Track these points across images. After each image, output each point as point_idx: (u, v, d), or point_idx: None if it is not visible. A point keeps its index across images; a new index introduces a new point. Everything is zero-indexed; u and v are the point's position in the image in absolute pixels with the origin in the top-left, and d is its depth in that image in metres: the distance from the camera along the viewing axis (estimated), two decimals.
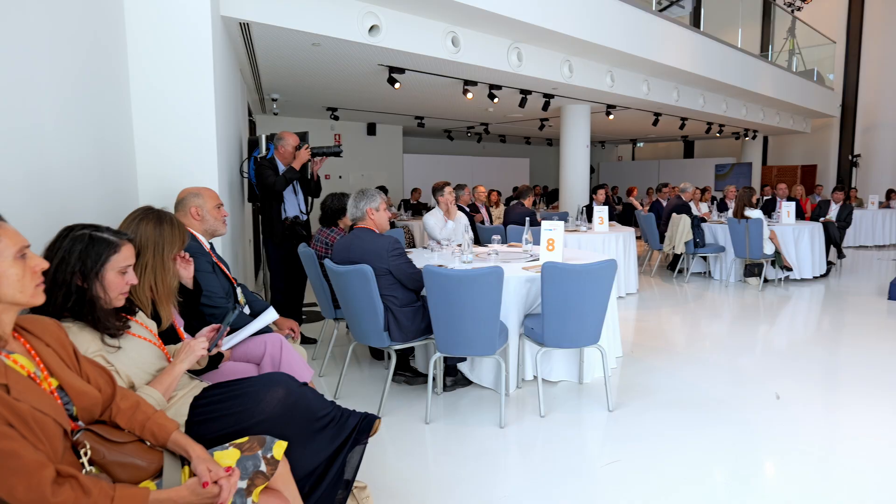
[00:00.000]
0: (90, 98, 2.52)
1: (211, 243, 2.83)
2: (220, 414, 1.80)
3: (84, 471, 1.33)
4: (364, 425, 2.17)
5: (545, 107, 8.95)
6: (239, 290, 2.84)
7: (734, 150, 16.46)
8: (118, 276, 1.68)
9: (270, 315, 2.43)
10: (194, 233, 2.69)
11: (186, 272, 2.34)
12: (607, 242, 6.31)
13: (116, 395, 1.52)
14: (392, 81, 6.65)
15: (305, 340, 4.75)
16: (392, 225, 9.26)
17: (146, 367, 1.79)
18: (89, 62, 2.53)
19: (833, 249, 8.55)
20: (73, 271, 1.61)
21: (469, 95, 7.75)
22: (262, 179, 4.50)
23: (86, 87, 2.47)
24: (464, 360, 3.78)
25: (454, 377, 3.81)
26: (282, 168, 4.60)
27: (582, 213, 7.21)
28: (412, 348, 3.93)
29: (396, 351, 3.47)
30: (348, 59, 6.13)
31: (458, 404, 3.57)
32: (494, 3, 5.55)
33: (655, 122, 11.01)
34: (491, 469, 2.79)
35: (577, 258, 4.11)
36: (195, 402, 1.83)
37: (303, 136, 4.78)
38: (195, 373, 2.09)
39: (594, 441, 3.14)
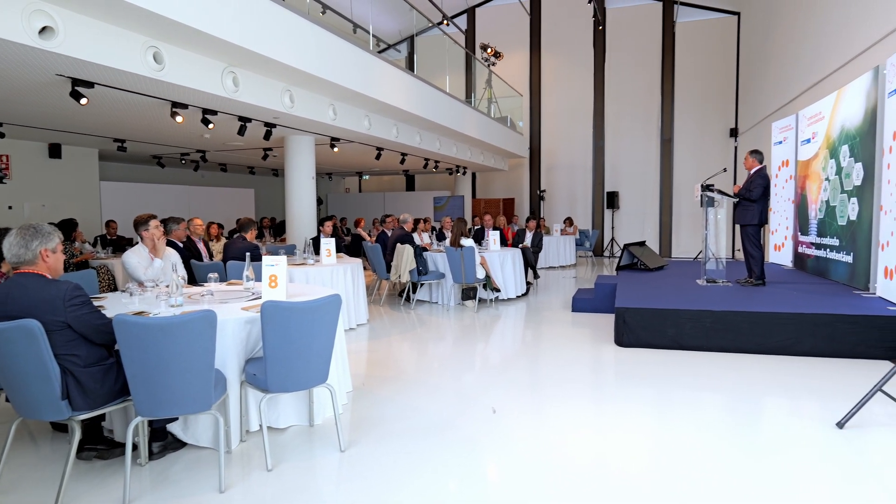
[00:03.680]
0: None
1: None
2: None
3: None
4: None
5: (267, 136, 8.61)
6: None
7: (449, 184, 18.16)
8: None
9: None
10: None
11: None
12: (335, 275, 6.24)
13: None
14: (77, 96, 5.62)
15: None
16: (86, 265, 7.87)
17: None
18: None
19: (530, 271, 9.87)
20: None
21: (179, 119, 7.01)
22: None
23: None
24: (175, 419, 3.26)
25: (163, 441, 3.24)
26: None
27: (309, 245, 7.03)
28: (104, 415, 3.26)
29: (83, 421, 2.82)
30: (13, 64, 4.99)
31: (170, 473, 3.05)
32: (203, 22, 5.10)
33: (378, 157, 11.49)
34: None
35: (303, 293, 3.91)
36: None
37: None
38: None
39: (328, 487, 2.95)
